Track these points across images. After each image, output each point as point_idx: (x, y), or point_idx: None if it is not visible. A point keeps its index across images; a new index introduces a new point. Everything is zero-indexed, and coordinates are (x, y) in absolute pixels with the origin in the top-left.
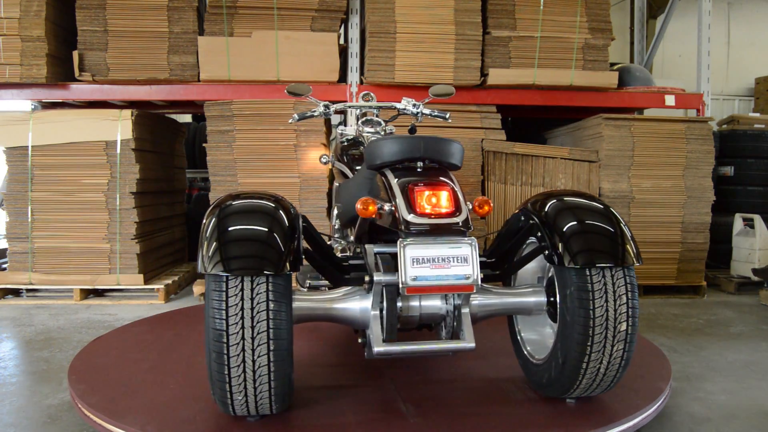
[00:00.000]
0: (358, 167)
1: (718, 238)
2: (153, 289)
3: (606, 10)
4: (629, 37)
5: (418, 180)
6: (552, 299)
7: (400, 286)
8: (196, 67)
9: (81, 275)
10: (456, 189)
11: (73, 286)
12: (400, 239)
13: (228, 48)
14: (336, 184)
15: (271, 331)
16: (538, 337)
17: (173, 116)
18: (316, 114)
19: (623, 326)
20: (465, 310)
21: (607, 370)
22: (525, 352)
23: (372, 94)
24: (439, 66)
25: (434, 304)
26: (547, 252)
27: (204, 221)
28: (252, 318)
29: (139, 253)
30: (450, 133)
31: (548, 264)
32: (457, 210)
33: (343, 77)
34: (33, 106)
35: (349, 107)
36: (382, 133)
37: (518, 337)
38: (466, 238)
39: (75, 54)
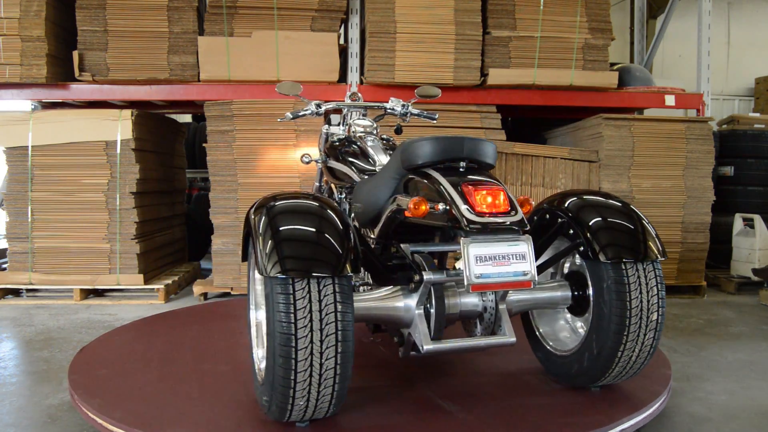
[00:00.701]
0: (363, 166)
1: (718, 238)
2: (153, 289)
3: (606, 10)
4: (629, 37)
5: (469, 180)
6: (576, 293)
7: (465, 283)
8: (196, 67)
9: (81, 275)
10: (507, 189)
11: (73, 286)
12: (463, 238)
13: (228, 48)
14: (317, 184)
15: (339, 333)
16: (558, 331)
17: (173, 116)
18: (308, 113)
19: (654, 316)
20: (502, 306)
21: (637, 357)
22: (547, 347)
23: (359, 93)
24: (439, 66)
25: (473, 300)
26: (582, 248)
27: (256, 223)
28: (321, 320)
29: (139, 253)
30: (450, 133)
31: (566, 260)
32: (512, 209)
33: (343, 77)
34: (33, 106)
35: (339, 106)
36: (375, 133)
37: (537, 333)
38: (522, 236)
39: (75, 54)
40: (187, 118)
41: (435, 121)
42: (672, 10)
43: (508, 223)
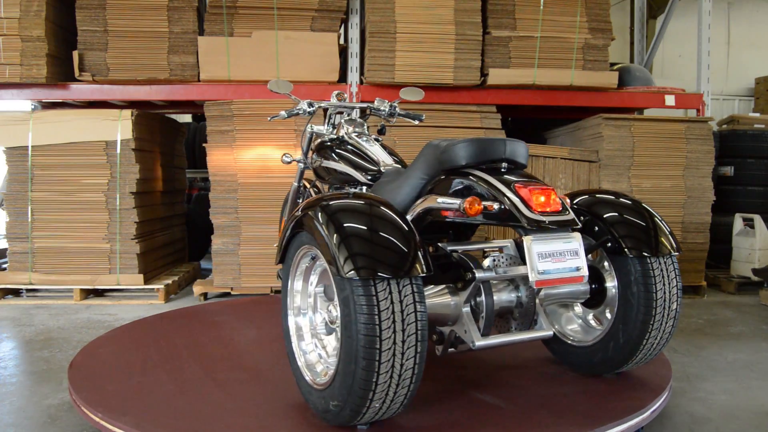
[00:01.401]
0: (367, 166)
1: (718, 238)
2: (153, 289)
3: (606, 10)
4: (629, 37)
5: (521, 181)
6: (594, 286)
7: (531, 279)
8: (196, 67)
9: (81, 275)
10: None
11: (73, 286)
12: (526, 236)
13: (228, 48)
14: (295, 184)
15: (419, 332)
16: (569, 323)
17: (173, 116)
18: (300, 112)
19: (674, 305)
20: (537, 300)
21: (658, 343)
22: (567, 340)
23: (345, 93)
24: (439, 66)
25: (510, 296)
26: (609, 245)
27: (326, 225)
28: (402, 321)
29: (139, 253)
30: (450, 133)
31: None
32: (563, 208)
33: (343, 77)
34: (33, 106)
35: (331, 106)
36: (367, 133)
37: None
38: (574, 233)
39: (75, 54)
40: (187, 118)
41: (416, 123)
42: (672, 10)
43: (564, 221)
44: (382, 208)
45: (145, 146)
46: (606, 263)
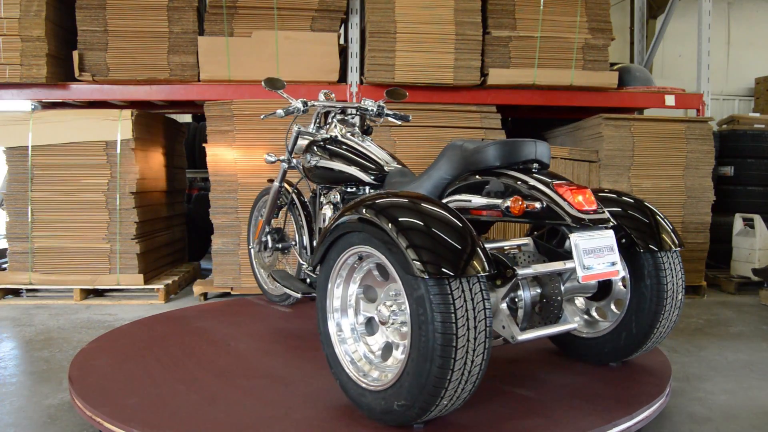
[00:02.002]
0: (371, 165)
1: (718, 238)
2: (153, 289)
3: (606, 10)
4: (629, 37)
5: (558, 181)
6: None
7: (579, 274)
8: (196, 67)
9: (81, 275)
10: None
11: (73, 286)
12: (572, 234)
13: (228, 48)
14: (277, 184)
15: (487, 329)
16: (575, 316)
17: (173, 116)
18: (295, 111)
19: (680, 296)
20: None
21: (665, 331)
22: (575, 333)
23: (333, 93)
24: (439, 66)
25: (544, 291)
26: (624, 241)
27: (398, 225)
28: (474, 318)
29: (139, 253)
30: (450, 133)
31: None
32: (599, 206)
33: (343, 77)
34: (33, 106)
35: (326, 105)
36: (361, 133)
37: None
38: (608, 230)
39: (75, 54)
40: (187, 118)
41: (398, 123)
42: (672, 10)
43: (601, 219)
44: (442, 208)
45: (145, 146)
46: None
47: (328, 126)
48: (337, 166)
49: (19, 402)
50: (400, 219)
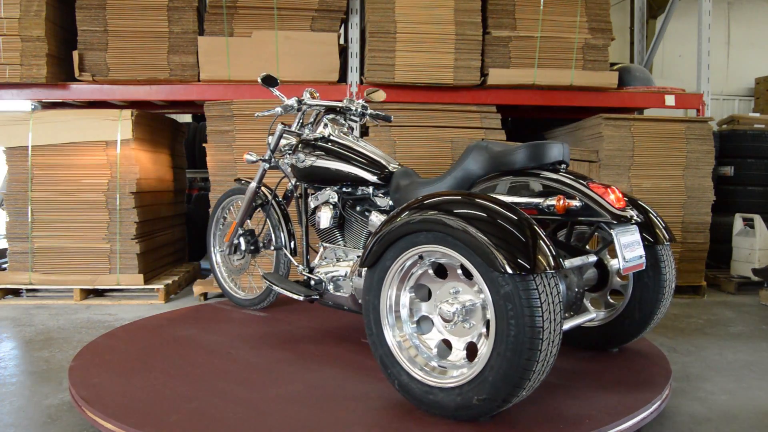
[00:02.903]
0: (374, 165)
1: (718, 238)
2: (153, 289)
3: (606, 10)
4: (629, 37)
5: (590, 180)
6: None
7: (621, 267)
8: (196, 67)
9: (81, 275)
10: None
11: (73, 286)
12: (614, 229)
13: (228, 48)
14: (254, 185)
15: (562, 321)
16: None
17: (173, 116)
18: (288, 110)
19: (673, 284)
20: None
21: (659, 318)
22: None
23: (317, 92)
24: (439, 66)
25: (577, 282)
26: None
27: (482, 224)
28: (553, 311)
29: (139, 253)
30: (450, 133)
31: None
32: (627, 203)
33: (343, 77)
34: (33, 106)
35: (312, 104)
36: (350, 131)
37: None
38: (635, 226)
39: (75, 54)
40: (187, 118)
41: (376, 124)
42: (672, 10)
43: (630, 215)
44: (511, 209)
45: (145, 146)
46: (606, 251)
47: (312, 125)
48: (339, 166)
49: (19, 402)
50: (483, 219)
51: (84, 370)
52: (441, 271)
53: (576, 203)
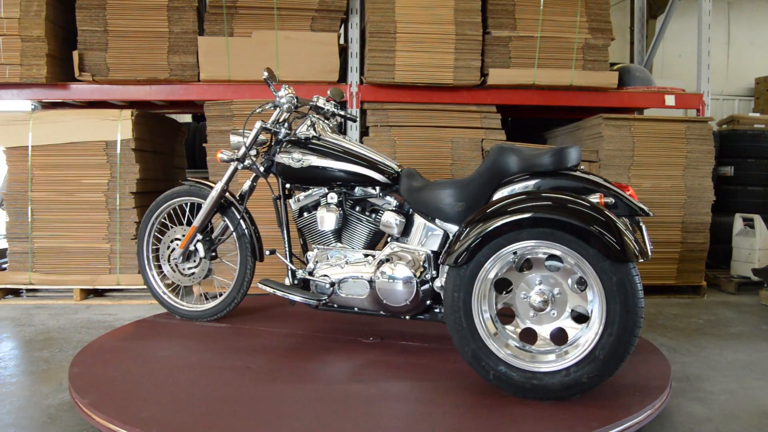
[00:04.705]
0: (378, 165)
1: (718, 238)
2: None
3: (606, 10)
4: (629, 37)
5: (610, 180)
6: None
7: (649, 258)
8: (196, 67)
9: (81, 275)
10: None
11: (73, 286)
12: (642, 224)
13: (228, 48)
14: (222, 185)
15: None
16: None
17: (173, 116)
18: (288, 105)
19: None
20: None
21: None
22: None
23: (290, 87)
24: (439, 66)
25: None
26: None
27: (599, 221)
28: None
29: None
30: (450, 133)
31: None
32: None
33: (343, 77)
34: (33, 106)
35: (313, 104)
36: (337, 130)
37: None
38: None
39: (75, 54)
40: (187, 118)
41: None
42: (672, 10)
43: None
44: (597, 207)
45: (145, 146)
46: None
47: (284, 123)
48: (343, 166)
49: (19, 402)
50: (595, 217)
51: (84, 370)
52: (530, 264)
53: (610, 200)
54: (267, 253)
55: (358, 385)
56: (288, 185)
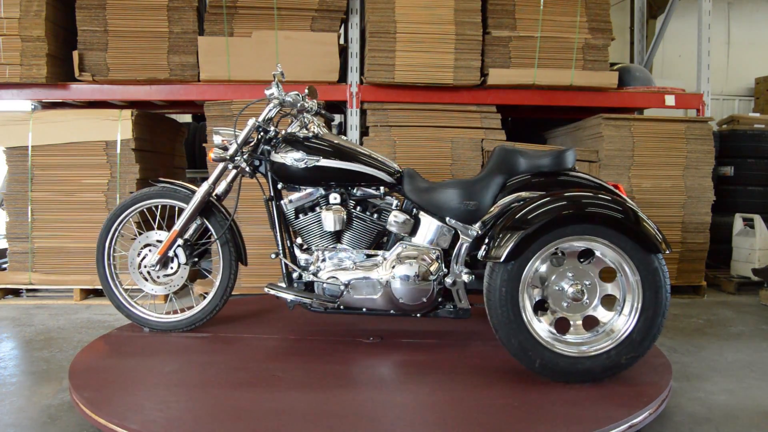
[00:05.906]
0: (383, 165)
1: (718, 238)
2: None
3: (606, 10)
4: (629, 37)
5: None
6: None
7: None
8: (196, 67)
9: (81, 275)
10: None
11: (73, 286)
12: None
13: (228, 48)
14: (209, 185)
15: None
16: None
17: (173, 116)
18: (292, 102)
19: None
20: None
21: None
22: None
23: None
24: (439, 66)
25: None
26: None
27: (636, 215)
28: None
29: None
30: (450, 133)
31: None
32: None
33: (343, 77)
34: (33, 106)
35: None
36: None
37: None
38: None
39: (75, 54)
40: (187, 118)
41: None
42: (672, 10)
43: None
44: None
45: (145, 146)
46: None
47: (272, 122)
48: (349, 166)
49: (19, 402)
50: (636, 213)
51: (84, 370)
52: (563, 258)
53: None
54: (272, 256)
55: (374, 390)
56: (280, 185)
